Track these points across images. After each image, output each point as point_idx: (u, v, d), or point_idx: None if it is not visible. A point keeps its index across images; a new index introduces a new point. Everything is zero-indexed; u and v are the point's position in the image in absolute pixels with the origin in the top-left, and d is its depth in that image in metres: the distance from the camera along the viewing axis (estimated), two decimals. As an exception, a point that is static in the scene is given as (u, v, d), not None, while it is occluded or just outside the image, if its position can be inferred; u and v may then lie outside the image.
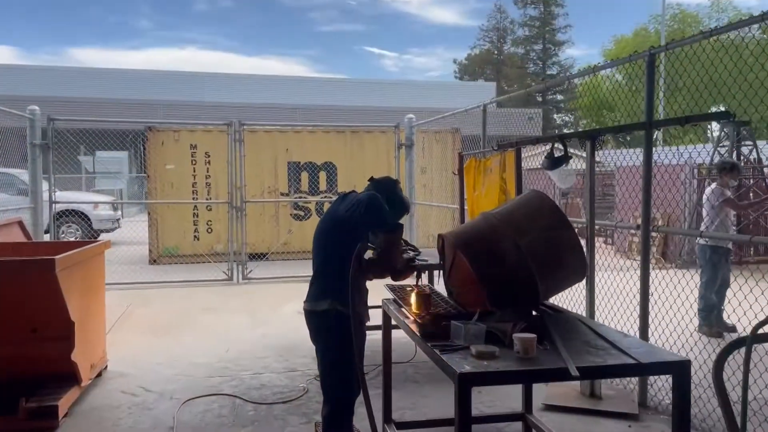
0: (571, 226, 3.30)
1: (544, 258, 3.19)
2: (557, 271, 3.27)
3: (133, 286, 9.20)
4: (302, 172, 12.31)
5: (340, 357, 3.13)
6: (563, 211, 4.34)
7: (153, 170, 11.75)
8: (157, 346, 5.97)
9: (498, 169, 5.67)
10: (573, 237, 3.27)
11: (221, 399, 4.54)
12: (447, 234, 3.39)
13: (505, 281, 3.15)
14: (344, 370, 3.17)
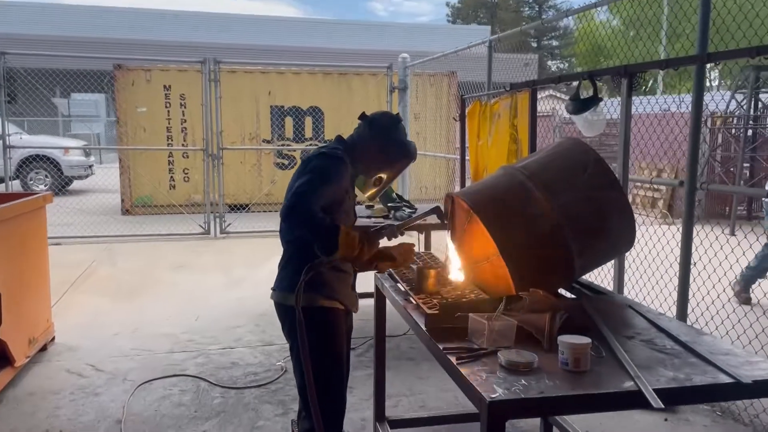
0: (621, 187, 2.57)
1: (583, 225, 2.48)
2: (599, 242, 2.56)
3: (100, 240, 8.45)
4: (286, 118, 11.44)
5: (323, 361, 2.41)
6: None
7: (123, 113, 10.84)
8: (116, 313, 5.27)
9: (508, 114, 4.90)
10: (622, 199, 2.55)
11: (184, 381, 3.86)
12: (458, 193, 2.65)
13: (534, 254, 2.44)
14: (329, 377, 2.45)
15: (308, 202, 2.20)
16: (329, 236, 2.23)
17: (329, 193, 2.32)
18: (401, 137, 2.60)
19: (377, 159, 2.55)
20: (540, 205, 2.46)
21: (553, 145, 2.75)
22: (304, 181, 2.26)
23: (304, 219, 2.21)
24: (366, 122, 2.57)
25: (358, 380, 3.85)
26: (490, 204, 2.52)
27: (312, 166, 2.34)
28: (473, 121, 5.56)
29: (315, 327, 2.35)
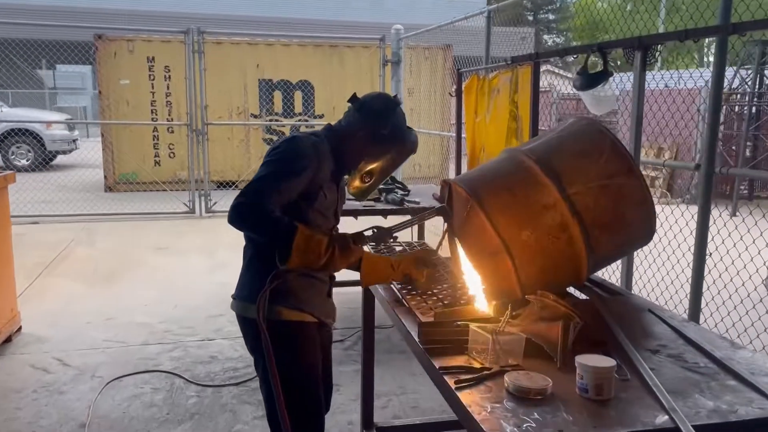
0: (640, 174, 2.27)
1: (598, 217, 2.19)
2: (615, 236, 2.26)
3: (80, 219, 8.11)
4: (275, 92, 11.04)
5: (294, 384, 2.08)
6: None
7: (105, 86, 10.41)
8: (91, 299, 4.97)
9: (508, 89, 4.57)
10: (641, 188, 2.25)
11: (157, 378, 3.58)
12: (456, 180, 2.34)
13: (542, 250, 2.15)
14: (303, 403, 2.11)
15: (260, 197, 1.85)
16: (282, 238, 1.87)
17: (292, 187, 1.95)
18: (398, 124, 2.18)
19: (367, 150, 2.17)
20: (549, 194, 2.16)
21: (563, 125, 2.44)
22: (261, 172, 1.92)
23: (253, 218, 1.86)
24: (356, 106, 2.18)
25: (346, 376, 3.58)
26: (492, 192, 2.21)
27: (275, 153, 1.99)
28: (470, 97, 5.23)
29: (281, 345, 2.03)
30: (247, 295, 2.09)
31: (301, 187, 1.98)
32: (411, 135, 2.24)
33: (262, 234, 1.93)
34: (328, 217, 2.16)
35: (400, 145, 2.21)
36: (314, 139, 2.06)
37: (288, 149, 1.98)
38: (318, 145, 2.04)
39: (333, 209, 2.18)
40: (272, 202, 1.86)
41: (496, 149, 4.72)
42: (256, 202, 1.85)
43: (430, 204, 4.35)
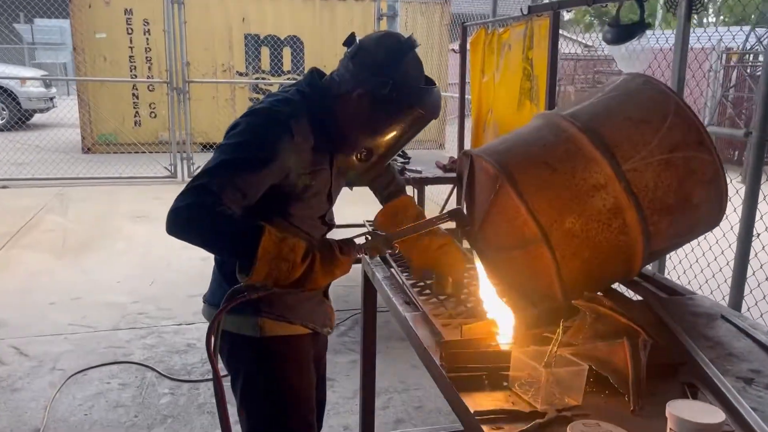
0: (712, 145, 1.83)
1: (659, 199, 1.76)
2: (677, 223, 1.83)
3: (54, 183, 7.59)
4: (262, 48, 10.40)
5: (280, 412, 1.68)
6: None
7: (80, 39, 9.76)
8: (58, 274, 4.52)
9: (521, 44, 4.08)
10: (714, 163, 1.81)
11: (126, 371, 3.17)
12: (481, 152, 1.89)
13: (590, 241, 1.73)
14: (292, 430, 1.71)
15: (208, 195, 1.35)
16: (242, 242, 1.36)
17: (255, 182, 1.45)
18: (411, 78, 1.58)
19: (366, 118, 1.58)
20: (600, 171, 1.73)
21: (612, 83, 1.98)
22: (211, 162, 1.42)
23: (198, 223, 1.35)
24: (350, 52, 1.59)
25: (341, 369, 3.19)
26: (527, 168, 1.77)
27: (231, 134, 1.47)
28: (477, 54, 4.73)
29: (267, 367, 1.61)
30: (220, 301, 1.65)
31: (268, 182, 1.48)
32: (432, 94, 1.62)
33: (214, 242, 1.40)
34: (313, 213, 1.65)
35: (416, 109, 1.59)
36: (285, 111, 1.52)
37: (248, 129, 1.46)
38: (290, 122, 1.50)
39: (325, 195, 1.67)
40: (226, 200, 1.36)
41: (507, 112, 4.26)
42: (202, 201, 1.34)
43: (434, 174, 3.91)
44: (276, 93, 1.64)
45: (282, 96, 1.60)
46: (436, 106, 1.66)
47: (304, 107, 1.57)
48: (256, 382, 1.64)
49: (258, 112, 1.52)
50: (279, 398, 1.65)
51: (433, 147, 10.25)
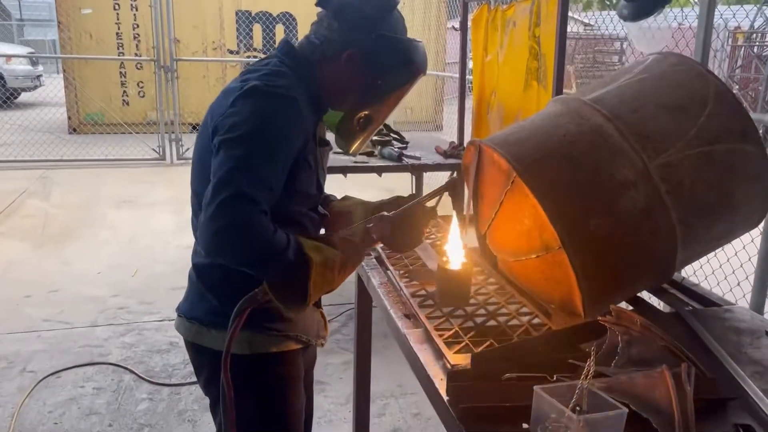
0: (758, 136, 1.59)
1: (697, 198, 1.55)
2: (715, 223, 1.61)
3: (38, 165, 7.31)
4: (254, 25, 10.08)
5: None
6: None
7: (64, 15, 9.40)
8: (35, 264, 4.28)
9: (527, 21, 3.82)
10: (759, 157, 1.58)
11: (102, 373, 2.95)
12: (492, 142, 1.65)
13: (618, 245, 1.50)
14: None
15: (246, 201, 1.19)
16: (291, 275, 1.26)
17: (281, 168, 1.30)
18: (398, 34, 1.44)
19: (355, 80, 1.43)
20: (630, 165, 1.50)
21: (641, 63, 1.74)
22: (231, 161, 1.21)
23: (248, 246, 1.20)
24: (331, 10, 1.41)
25: (333, 371, 2.98)
26: (545, 162, 1.54)
27: (240, 125, 1.25)
28: (479, 31, 4.46)
29: (254, 388, 1.41)
30: (202, 316, 1.44)
31: (288, 168, 1.33)
32: (418, 50, 1.48)
33: (262, 271, 1.26)
34: (311, 185, 1.46)
35: (413, 64, 1.46)
36: (285, 85, 1.32)
37: (256, 114, 1.26)
38: (295, 96, 1.31)
39: (318, 170, 1.48)
40: (262, 202, 1.21)
41: (512, 94, 4.00)
42: (243, 216, 1.18)
43: (434, 161, 3.67)
44: (257, 68, 1.40)
45: (269, 70, 1.36)
46: (425, 59, 1.51)
47: (294, 77, 1.37)
48: (244, 407, 1.41)
49: (257, 91, 1.29)
50: (269, 425, 1.44)
51: (430, 128, 9.99)
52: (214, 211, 1.17)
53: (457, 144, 3.99)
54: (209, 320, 1.41)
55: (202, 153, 1.37)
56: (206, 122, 1.37)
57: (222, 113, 1.29)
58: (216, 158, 1.24)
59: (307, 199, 1.46)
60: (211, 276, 1.42)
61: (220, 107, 1.32)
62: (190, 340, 1.46)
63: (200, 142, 1.38)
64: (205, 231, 1.18)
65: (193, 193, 1.43)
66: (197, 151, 1.40)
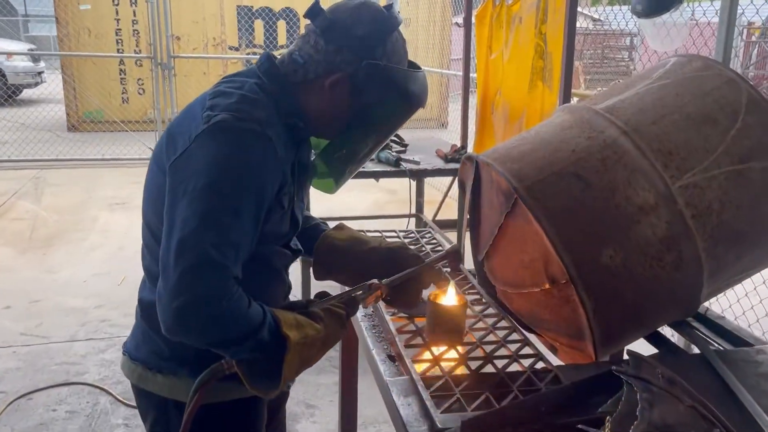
0: (799, 152, 1.38)
1: (725, 223, 1.34)
2: (747, 252, 1.41)
3: (32, 165, 7.15)
4: (256, 21, 9.87)
5: None
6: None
7: (62, 10, 9.22)
8: (19, 272, 4.10)
9: (533, 18, 3.60)
10: (799, 177, 1.37)
11: (77, 394, 2.76)
12: (490, 158, 1.44)
13: (634, 279, 1.30)
14: None
15: (214, 268, 1.02)
16: (265, 353, 1.09)
17: (251, 227, 1.10)
18: (396, 60, 1.23)
19: (338, 110, 1.23)
20: (649, 187, 1.30)
21: (661, 67, 1.53)
22: (196, 226, 1.02)
23: (214, 326, 1.03)
24: (320, 25, 1.20)
25: (324, 392, 2.79)
26: (552, 183, 1.33)
27: (203, 173, 1.05)
28: (483, 28, 4.24)
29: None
30: (147, 358, 1.25)
31: (261, 209, 1.14)
32: (417, 81, 1.27)
33: (232, 352, 1.08)
34: (283, 234, 1.26)
35: (399, 100, 1.25)
36: (258, 117, 1.11)
37: (221, 157, 1.07)
38: (268, 132, 1.11)
39: (290, 215, 1.27)
40: (233, 268, 1.05)
41: (517, 94, 3.79)
42: (218, 289, 1.02)
43: (433, 165, 3.46)
44: (230, 89, 1.18)
45: (240, 94, 1.15)
46: (425, 91, 1.30)
47: (272, 106, 1.17)
48: None
49: (225, 129, 1.08)
50: None
51: (435, 126, 9.77)
52: (176, 282, 1.00)
53: (459, 147, 3.78)
54: (154, 363, 1.23)
55: (157, 180, 1.16)
56: (163, 145, 1.17)
57: (184, 145, 1.09)
58: (175, 206, 1.05)
59: (277, 238, 1.25)
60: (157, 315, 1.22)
61: (182, 136, 1.12)
62: (136, 385, 1.27)
63: (157, 166, 1.18)
64: (166, 306, 1.00)
65: (146, 224, 1.24)
66: (153, 176, 1.19)
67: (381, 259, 1.36)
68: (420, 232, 2.22)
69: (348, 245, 1.39)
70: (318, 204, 5.06)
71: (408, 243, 2.09)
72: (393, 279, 1.29)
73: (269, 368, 1.08)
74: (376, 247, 1.38)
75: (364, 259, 1.36)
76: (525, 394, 1.19)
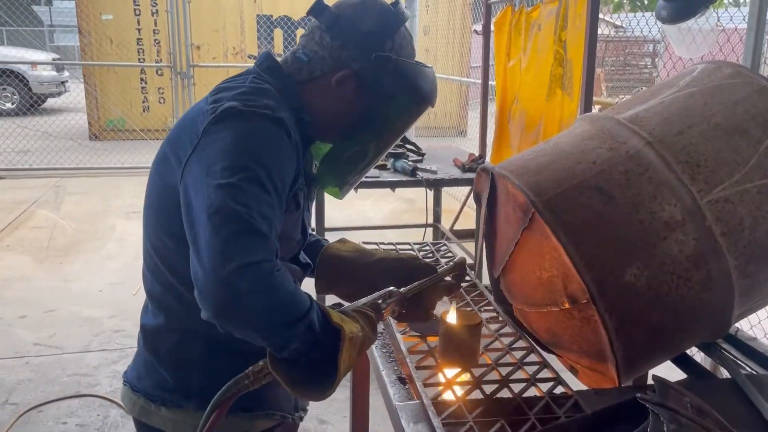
0: (838, 164, 1.30)
1: (757, 241, 1.26)
2: (780, 272, 1.32)
3: (53, 173, 7.21)
4: (275, 30, 9.91)
5: None
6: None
7: (85, 20, 9.34)
8: (34, 282, 4.11)
9: (552, 25, 3.53)
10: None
11: (88, 407, 2.73)
12: (506, 170, 1.37)
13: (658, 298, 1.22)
14: None
15: (259, 249, 0.93)
16: (320, 349, 0.99)
17: (279, 208, 1.02)
18: (404, 56, 1.19)
19: (347, 108, 1.18)
20: (676, 202, 1.23)
21: (688, 74, 1.45)
22: (231, 233, 0.92)
23: (268, 314, 0.93)
24: (325, 22, 1.15)
25: (338, 408, 2.72)
26: (572, 197, 1.26)
27: (219, 162, 0.97)
28: (502, 35, 4.18)
29: None
30: (150, 389, 1.18)
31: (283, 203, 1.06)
32: (426, 76, 1.22)
33: (285, 337, 0.95)
34: (295, 240, 1.21)
35: (409, 95, 1.20)
36: (268, 104, 1.06)
37: (242, 140, 1.00)
38: (282, 117, 1.05)
39: (302, 220, 1.22)
40: (278, 264, 0.96)
41: (535, 102, 3.72)
42: (266, 259, 0.93)
43: (450, 175, 3.39)
44: (230, 85, 1.14)
45: (246, 87, 1.10)
46: (435, 88, 1.24)
47: (278, 96, 1.12)
48: None
49: (235, 113, 1.02)
50: None
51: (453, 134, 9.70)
52: (222, 249, 0.91)
53: (477, 156, 3.71)
54: (157, 396, 1.16)
55: (160, 195, 1.11)
56: (165, 155, 1.10)
57: (192, 143, 1.03)
58: (197, 197, 0.97)
59: (288, 246, 1.18)
60: (161, 342, 1.16)
61: (188, 136, 1.06)
62: (138, 419, 1.21)
63: (159, 182, 1.12)
64: (211, 281, 0.90)
65: (148, 242, 1.17)
66: (154, 193, 1.14)
67: (390, 269, 1.30)
68: (435, 244, 2.15)
69: (354, 256, 1.33)
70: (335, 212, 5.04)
71: (422, 256, 2.03)
72: (410, 288, 1.22)
73: (318, 367, 0.98)
74: (384, 258, 1.32)
75: (372, 270, 1.30)
76: (543, 422, 1.12)
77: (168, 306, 1.14)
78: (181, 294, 1.10)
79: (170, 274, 1.11)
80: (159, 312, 1.16)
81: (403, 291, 1.20)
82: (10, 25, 19.43)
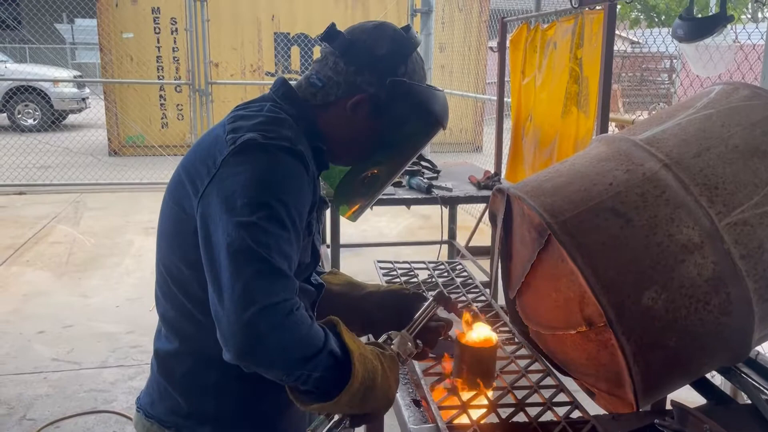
0: None
1: (777, 267, 1.24)
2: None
3: (72, 189, 7.30)
4: (292, 47, 10.01)
5: None
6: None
7: (106, 39, 9.51)
8: (52, 297, 4.15)
9: (568, 42, 3.53)
10: None
11: (104, 423, 2.74)
12: (522, 191, 1.37)
13: (676, 321, 1.21)
14: None
15: (281, 288, 0.96)
16: (332, 374, 1.02)
17: (297, 245, 1.05)
18: (420, 77, 1.21)
19: (362, 132, 1.20)
20: (694, 224, 1.22)
21: (705, 95, 1.44)
22: (252, 274, 0.95)
23: (289, 350, 0.96)
24: (339, 48, 1.17)
25: (351, 430, 2.70)
26: (588, 219, 1.26)
27: (239, 199, 0.99)
28: (517, 53, 4.19)
29: None
30: (164, 415, 1.18)
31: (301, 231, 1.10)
32: (438, 99, 1.23)
33: (310, 366, 0.98)
34: (306, 264, 1.20)
35: (422, 118, 1.22)
36: (287, 136, 1.08)
37: (263, 179, 1.02)
38: (300, 149, 1.07)
39: (312, 244, 1.21)
40: (297, 302, 1.00)
41: (549, 120, 3.71)
42: (287, 299, 0.97)
43: (465, 192, 3.39)
44: (248, 113, 1.15)
45: (264, 115, 1.12)
46: (446, 111, 1.26)
47: (296, 126, 1.13)
48: None
49: (255, 147, 1.04)
50: None
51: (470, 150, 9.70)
52: (242, 292, 0.94)
53: (492, 173, 3.71)
54: (171, 422, 1.16)
55: (175, 222, 1.12)
56: (180, 181, 1.12)
57: (210, 172, 1.05)
58: (216, 232, 0.99)
59: (299, 269, 1.17)
60: (175, 366, 1.16)
61: (204, 165, 1.07)
62: None
63: (174, 207, 1.13)
64: (233, 322, 0.93)
65: (162, 266, 1.17)
66: (169, 212, 1.15)
67: (379, 303, 1.33)
68: (451, 264, 2.14)
69: (344, 290, 1.36)
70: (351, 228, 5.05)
71: (438, 275, 2.02)
72: (412, 324, 1.22)
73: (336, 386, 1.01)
74: (373, 291, 1.35)
75: (362, 304, 1.33)
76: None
77: (182, 330, 1.14)
78: (196, 319, 1.10)
79: (185, 298, 1.12)
80: (173, 336, 1.16)
81: (405, 331, 1.20)
82: (33, 42, 19.84)
